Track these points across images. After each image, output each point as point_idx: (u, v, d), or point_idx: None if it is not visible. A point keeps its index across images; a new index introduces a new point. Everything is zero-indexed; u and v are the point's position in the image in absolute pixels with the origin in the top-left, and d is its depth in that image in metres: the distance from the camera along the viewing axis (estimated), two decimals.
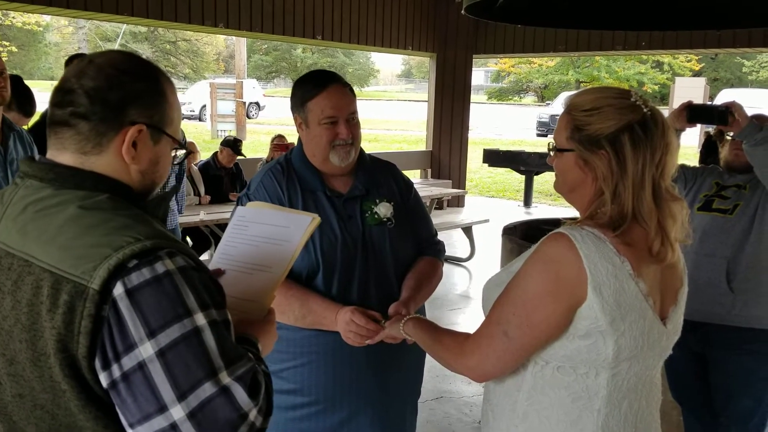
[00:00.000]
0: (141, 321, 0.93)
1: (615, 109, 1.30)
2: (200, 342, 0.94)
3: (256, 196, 1.88)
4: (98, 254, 0.94)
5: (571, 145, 1.34)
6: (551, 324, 1.27)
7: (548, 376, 1.33)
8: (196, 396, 0.92)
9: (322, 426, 1.87)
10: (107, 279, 0.93)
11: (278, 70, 42.44)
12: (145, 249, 0.95)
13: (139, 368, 0.92)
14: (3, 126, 2.88)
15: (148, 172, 1.11)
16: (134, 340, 0.92)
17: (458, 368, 1.42)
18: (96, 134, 1.05)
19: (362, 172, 1.97)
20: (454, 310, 5.74)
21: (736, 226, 2.48)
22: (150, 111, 1.09)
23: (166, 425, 0.92)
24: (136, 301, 0.93)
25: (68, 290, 0.93)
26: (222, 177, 6.54)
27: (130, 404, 0.93)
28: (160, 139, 1.11)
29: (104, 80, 1.05)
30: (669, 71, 28.84)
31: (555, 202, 12.05)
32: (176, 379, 0.92)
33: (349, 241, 1.85)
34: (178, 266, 0.97)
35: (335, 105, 1.85)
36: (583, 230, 1.28)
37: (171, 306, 0.94)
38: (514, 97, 39.66)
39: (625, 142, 1.28)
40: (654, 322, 1.32)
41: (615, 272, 1.25)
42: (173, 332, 0.93)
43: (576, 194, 1.38)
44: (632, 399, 1.34)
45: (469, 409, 3.84)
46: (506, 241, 4.06)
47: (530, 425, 1.35)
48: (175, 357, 0.92)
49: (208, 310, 0.97)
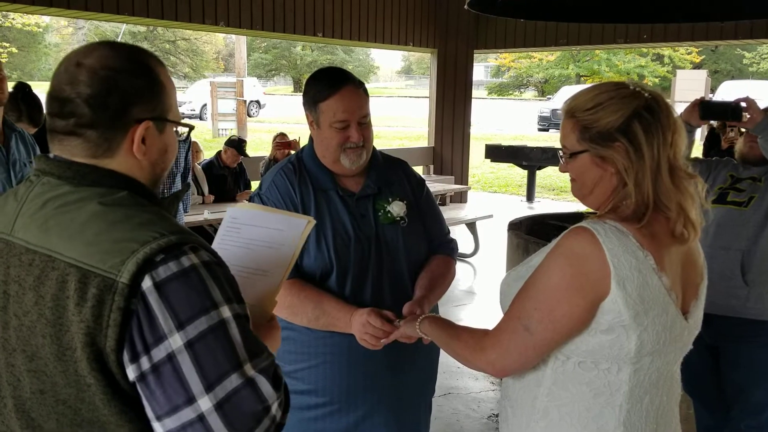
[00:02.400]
0: (170, 313, 0.94)
1: (618, 100, 1.30)
2: (226, 334, 0.96)
3: (268, 195, 1.87)
4: (126, 249, 0.96)
5: (584, 146, 1.33)
6: (574, 319, 1.26)
7: (569, 371, 1.32)
8: (223, 387, 0.94)
9: (337, 426, 1.86)
10: (136, 273, 0.94)
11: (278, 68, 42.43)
12: (171, 243, 0.97)
13: (169, 360, 0.93)
14: (4, 127, 2.88)
15: (159, 162, 1.13)
16: (164, 332, 0.94)
17: (478, 364, 1.41)
18: (104, 140, 1.05)
19: (374, 170, 1.95)
20: (459, 306, 5.74)
21: (751, 219, 2.47)
22: (152, 104, 1.08)
23: (194, 416, 0.93)
24: (164, 294, 0.94)
25: (97, 284, 0.94)
26: (225, 176, 6.54)
27: (159, 396, 0.94)
28: (165, 128, 1.12)
29: (101, 85, 1.03)
30: (669, 64, 28.79)
31: (558, 196, 12.04)
32: (204, 371, 0.93)
33: (363, 240, 1.84)
34: (202, 260, 0.98)
35: (347, 108, 1.81)
36: (606, 224, 1.27)
37: (198, 299, 0.95)
38: (515, 92, 39.61)
39: (636, 129, 1.28)
40: (676, 317, 1.31)
41: (638, 266, 1.24)
42: (201, 324, 0.94)
43: (598, 193, 1.37)
44: (654, 394, 1.33)
45: (477, 404, 3.83)
46: (512, 236, 4.05)
47: (550, 421, 1.34)
48: (204, 348, 0.94)
49: (232, 304, 0.98)
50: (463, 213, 7.96)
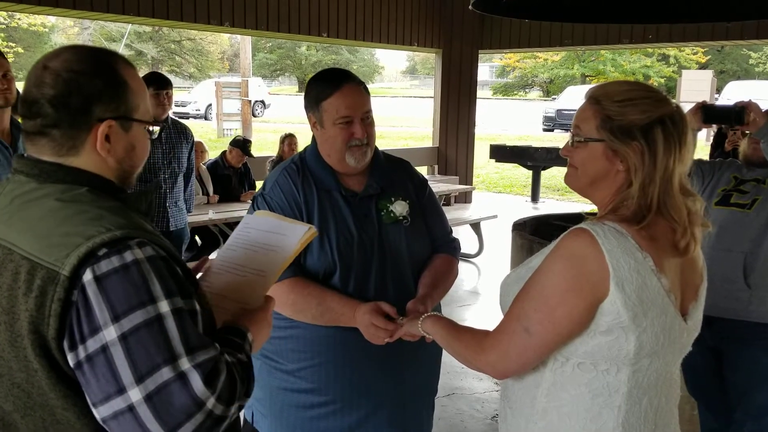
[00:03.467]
0: (107, 306, 0.98)
1: (650, 101, 1.30)
2: (162, 328, 0.99)
3: (272, 195, 1.87)
4: (71, 243, 1.01)
5: (602, 135, 1.32)
6: (574, 320, 1.26)
7: (568, 372, 1.32)
8: (154, 380, 0.96)
9: (340, 425, 1.86)
10: (77, 266, 0.99)
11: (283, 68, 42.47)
12: (114, 238, 1.01)
13: (102, 350, 0.97)
14: (11, 127, 2.90)
15: (126, 159, 1.17)
16: (99, 323, 0.98)
17: (478, 365, 1.41)
18: (68, 138, 1.11)
19: (377, 170, 1.96)
20: (463, 306, 5.73)
21: (755, 221, 2.46)
22: (114, 104, 1.12)
23: (124, 406, 0.96)
24: (103, 287, 0.98)
25: (42, 276, 1.00)
26: (230, 176, 6.55)
27: (93, 384, 0.98)
28: (131, 127, 1.15)
29: (63, 86, 1.09)
30: (675, 64, 28.71)
31: (563, 197, 12.02)
32: (136, 363, 0.97)
33: (366, 240, 1.85)
34: (146, 255, 1.02)
35: (350, 105, 1.83)
36: (605, 225, 1.28)
37: (136, 293, 0.99)
38: (520, 92, 39.56)
39: (657, 135, 1.28)
40: (675, 318, 1.31)
41: (637, 267, 1.25)
42: (136, 318, 0.98)
43: (597, 188, 1.37)
44: (652, 395, 1.33)
45: (480, 405, 3.83)
46: (516, 236, 4.05)
47: (549, 422, 1.34)
48: (136, 341, 0.97)
49: (172, 298, 1.01)
50: (468, 213, 7.96)
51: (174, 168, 4.18)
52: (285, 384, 1.87)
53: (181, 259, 1.13)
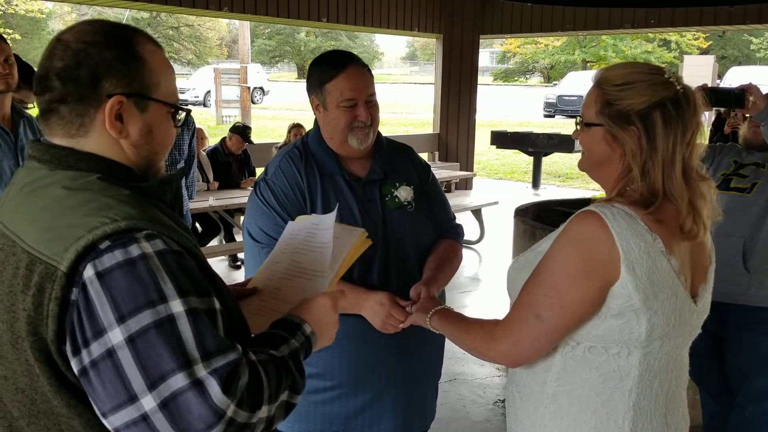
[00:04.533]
0: (110, 305, 0.88)
1: (648, 85, 1.27)
2: (174, 330, 0.88)
3: (274, 180, 1.86)
4: (72, 235, 0.91)
5: (600, 120, 1.31)
6: (585, 304, 1.25)
7: (579, 356, 1.31)
8: (168, 386, 0.86)
9: (346, 409, 1.86)
10: (75, 261, 0.90)
11: (282, 55, 42.29)
12: (118, 230, 0.91)
13: (108, 355, 0.88)
14: (13, 112, 2.88)
15: (142, 144, 1.06)
16: (103, 325, 0.88)
17: (491, 355, 1.40)
18: (77, 115, 1.02)
19: (380, 155, 1.94)
20: (464, 292, 5.74)
21: (754, 205, 2.45)
22: (127, 79, 1.02)
23: (137, 416, 0.87)
24: (106, 284, 0.89)
25: (39, 271, 0.91)
26: (230, 163, 6.54)
27: (101, 393, 0.89)
28: (148, 106, 1.05)
29: (72, 57, 1.00)
30: (676, 50, 28.59)
31: (564, 183, 12.00)
32: (146, 367, 0.87)
33: (369, 225, 1.83)
34: (156, 249, 0.92)
35: (354, 87, 1.82)
36: (614, 207, 1.26)
37: (143, 291, 0.89)
38: (520, 78, 39.42)
39: (656, 119, 1.26)
40: (685, 300, 1.30)
41: (647, 249, 1.23)
42: (144, 318, 0.88)
43: (602, 171, 1.36)
44: (663, 378, 1.33)
45: (483, 390, 3.84)
46: (518, 222, 4.03)
47: (560, 406, 1.33)
48: (146, 344, 0.87)
49: (186, 298, 0.91)
50: (469, 200, 7.96)
51: (174, 155, 4.17)
52: None
53: (201, 254, 1.02)
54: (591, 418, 1.31)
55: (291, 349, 1.05)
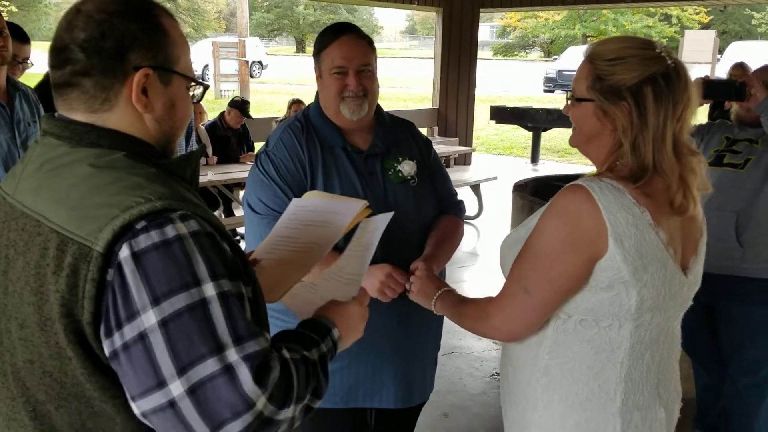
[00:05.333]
0: (145, 287, 0.87)
1: (639, 60, 1.27)
2: (207, 314, 0.87)
3: (275, 152, 1.86)
4: (105, 215, 0.89)
5: (591, 95, 1.31)
6: (571, 277, 1.27)
7: (570, 329, 1.33)
8: (197, 372, 0.85)
9: (347, 381, 1.88)
10: (111, 241, 0.88)
11: (280, 28, 41.90)
12: (154, 210, 0.90)
13: (140, 338, 0.86)
14: (8, 86, 2.86)
15: (165, 119, 1.04)
16: (137, 307, 0.87)
17: (486, 331, 1.43)
18: (102, 89, 0.99)
19: (381, 128, 1.94)
20: (462, 267, 5.77)
21: (747, 181, 2.47)
22: (152, 51, 1.00)
23: (165, 401, 0.86)
24: (142, 265, 0.87)
25: (73, 252, 0.89)
26: (229, 138, 6.51)
27: (131, 376, 0.88)
28: (171, 80, 1.04)
29: (96, 28, 0.97)
30: (677, 24, 28.35)
31: (562, 158, 11.99)
32: (177, 353, 0.85)
33: (371, 198, 1.84)
34: (190, 231, 0.90)
35: (345, 55, 1.82)
36: (602, 182, 1.27)
37: (179, 273, 0.87)
38: (520, 52, 39.11)
39: (647, 94, 1.26)
40: (675, 272, 1.31)
41: (635, 222, 1.24)
42: (178, 302, 0.86)
43: (592, 146, 1.36)
44: (654, 350, 1.35)
45: (479, 363, 3.88)
46: (517, 198, 4.05)
47: (552, 379, 1.36)
48: (178, 328, 0.86)
49: (218, 281, 0.90)
50: (468, 175, 7.94)
51: None
52: None
53: (230, 235, 1.00)
54: (583, 390, 1.33)
55: (320, 353, 1.04)
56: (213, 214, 1.00)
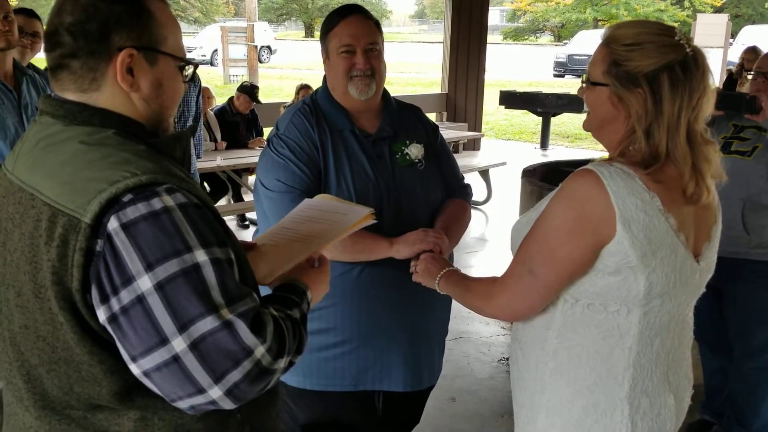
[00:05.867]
0: (138, 254, 0.92)
1: (657, 47, 1.26)
2: (200, 278, 0.94)
3: (288, 135, 1.86)
4: (93, 188, 0.95)
5: (607, 80, 1.30)
6: (575, 260, 1.27)
7: (578, 313, 1.33)
8: (197, 328, 0.92)
9: (356, 364, 1.89)
10: (99, 213, 0.94)
11: (289, 12, 41.71)
12: (140, 183, 0.95)
13: (138, 301, 0.92)
14: (15, 71, 2.87)
15: (152, 98, 1.09)
16: (132, 273, 0.92)
17: (490, 311, 1.43)
18: (88, 70, 1.05)
19: (389, 112, 1.95)
20: (471, 252, 5.76)
21: (754, 169, 2.47)
22: (136, 32, 1.05)
23: (169, 357, 0.92)
24: (132, 234, 0.93)
25: (63, 223, 0.95)
26: (238, 123, 6.51)
27: (132, 337, 0.93)
28: (157, 60, 1.08)
29: (81, 12, 1.03)
30: (690, 8, 28.01)
31: (572, 144, 11.92)
32: (177, 312, 0.92)
33: (381, 181, 1.85)
34: (178, 203, 0.96)
35: (352, 33, 1.83)
36: (612, 167, 1.26)
37: (169, 241, 0.93)
38: (530, 36, 38.80)
39: (663, 82, 1.24)
40: (686, 258, 1.31)
41: (644, 207, 1.24)
42: (171, 266, 0.92)
43: (605, 131, 1.35)
44: (664, 337, 1.34)
45: (487, 348, 3.89)
46: (525, 183, 4.03)
47: (560, 363, 1.36)
48: (174, 290, 0.92)
49: (209, 248, 0.96)
50: (477, 160, 7.92)
51: (183, 112, 4.16)
52: None
53: (215, 207, 1.07)
54: (590, 375, 1.33)
55: (301, 312, 1.12)
56: (200, 188, 1.07)
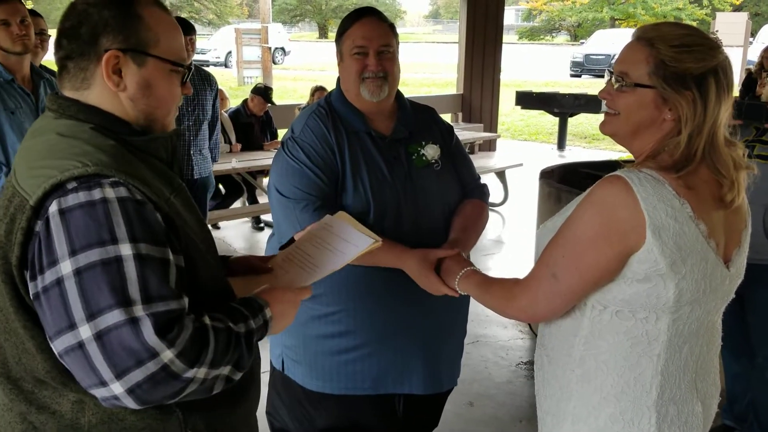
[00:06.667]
0: (66, 239, 0.97)
1: (706, 49, 1.24)
2: (119, 271, 0.96)
3: (303, 138, 1.85)
4: (47, 174, 1.02)
5: (653, 82, 1.26)
6: (600, 268, 1.25)
7: (606, 320, 1.31)
8: (104, 320, 0.94)
9: (376, 368, 1.88)
10: (42, 197, 1.00)
11: (303, 14, 41.84)
12: (86, 174, 1.01)
13: (57, 283, 0.97)
14: (32, 74, 2.88)
15: (139, 98, 1.14)
16: (57, 256, 0.98)
17: (510, 311, 1.42)
18: (80, 70, 1.13)
19: (403, 114, 1.95)
20: (487, 255, 5.72)
21: None
22: (123, 35, 1.11)
23: (75, 342, 0.95)
24: (66, 220, 0.98)
25: (15, 204, 1.04)
26: (252, 125, 6.51)
27: (48, 317, 0.98)
28: (145, 62, 1.14)
29: (76, 18, 1.12)
30: (708, 6, 27.73)
31: (590, 144, 11.82)
32: (88, 300, 0.95)
33: (398, 182, 1.84)
34: (118, 196, 1.01)
35: (365, 35, 1.84)
36: (641, 173, 1.24)
37: (97, 231, 0.98)
38: (546, 36, 38.62)
39: (710, 85, 1.23)
40: (717, 265, 1.28)
41: (674, 214, 1.21)
42: (92, 255, 0.96)
43: (638, 135, 1.31)
44: (693, 344, 1.32)
45: (505, 352, 3.85)
46: (543, 185, 3.98)
47: (587, 370, 1.34)
48: (90, 279, 0.96)
49: (138, 243, 0.99)
50: (493, 161, 7.87)
51: (198, 115, 4.15)
52: (318, 331, 1.88)
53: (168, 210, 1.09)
54: (617, 382, 1.31)
55: (248, 328, 1.11)
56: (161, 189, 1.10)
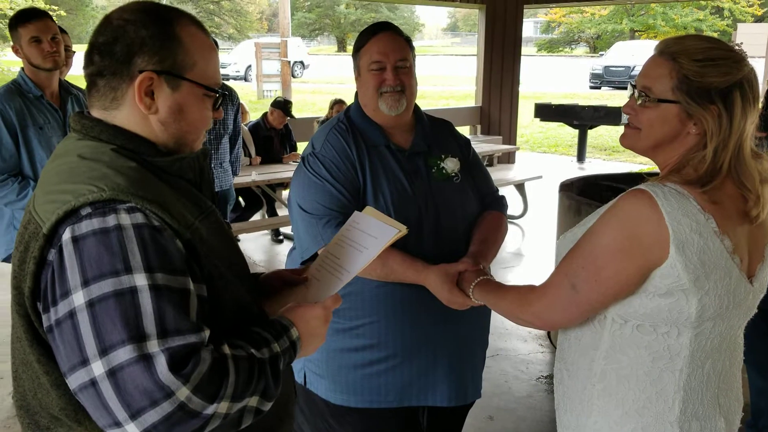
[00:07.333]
0: (79, 269, 0.92)
1: (731, 63, 1.23)
2: (134, 302, 0.90)
3: (324, 153, 1.87)
4: (62, 200, 0.96)
5: (677, 97, 1.25)
6: (620, 281, 1.24)
7: (627, 335, 1.30)
8: (116, 356, 0.88)
9: (400, 379, 1.88)
10: (56, 224, 0.95)
11: (322, 28, 42.18)
12: (100, 199, 0.95)
13: (70, 316, 0.91)
14: (61, 90, 2.94)
15: (170, 122, 1.09)
16: (70, 287, 0.92)
17: (524, 317, 1.40)
18: (110, 89, 1.07)
19: (421, 127, 1.97)
20: (507, 268, 5.69)
21: None
22: (159, 57, 1.06)
23: (87, 380, 0.89)
24: (78, 248, 0.92)
25: (30, 231, 0.98)
26: (272, 138, 6.56)
27: (62, 352, 0.93)
28: (179, 86, 1.08)
29: (110, 33, 1.06)
30: (729, 17, 27.50)
31: (610, 157, 11.75)
32: (100, 334, 0.89)
33: (419, 195, 1.85)
34: (134, 222, 0.94)
35: (382, 50, 1.85)
36: (666, 187, 1.23)
37: (110, 260, 0.91)
38: (565, 48, 38.53)
39: (736, 99, 1.22)
40: (740, 281, 1.27)
41: (699, 229, 1.20)
42: (105, 285, 0.90)
43: (660, 149, 1.31)
44: (716, 359, 1.31)
45: (525, 366, 3.82)
46: (563, 197, 3.96)
47: (608, 384, 1.32)
48: (103, 311, 0.89)
49: (153, 273, 0.92)
50: (512, 174, 7.84)
51: (219, 129, 4.20)
52: (342, 344, 1.88)
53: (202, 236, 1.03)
54: (639, 397, 1.30)
55: (272, 352, 1.04)
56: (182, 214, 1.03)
